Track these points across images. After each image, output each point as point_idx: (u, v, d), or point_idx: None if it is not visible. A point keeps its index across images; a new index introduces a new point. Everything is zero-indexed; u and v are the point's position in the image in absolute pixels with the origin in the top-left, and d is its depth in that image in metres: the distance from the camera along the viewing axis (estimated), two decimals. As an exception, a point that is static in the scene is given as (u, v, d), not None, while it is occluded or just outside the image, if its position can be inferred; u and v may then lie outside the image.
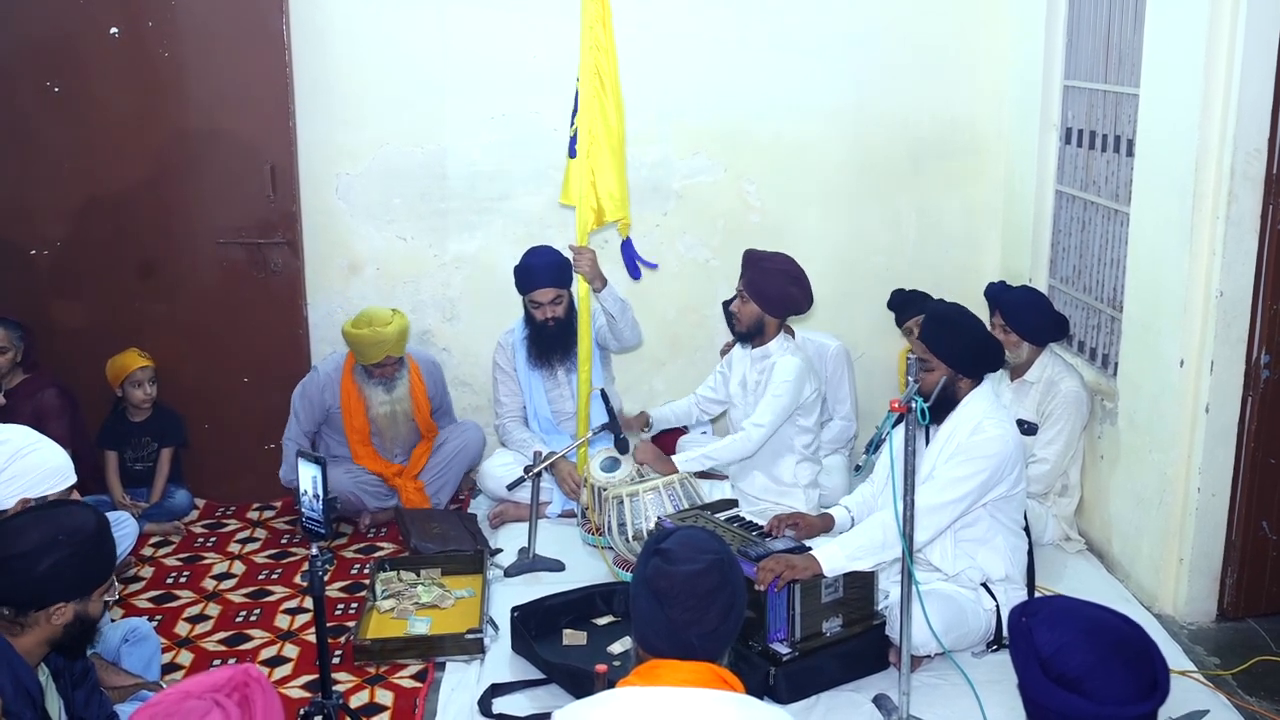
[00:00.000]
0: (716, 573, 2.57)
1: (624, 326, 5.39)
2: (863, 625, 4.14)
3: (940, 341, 4.12)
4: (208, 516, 5.79)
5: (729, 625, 2.58)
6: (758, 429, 4.97)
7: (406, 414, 5.67)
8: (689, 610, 2.53)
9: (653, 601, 2.56)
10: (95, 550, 2.93)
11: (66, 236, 5.68)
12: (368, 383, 5.58)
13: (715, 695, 2.48)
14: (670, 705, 2.46)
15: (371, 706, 4.11)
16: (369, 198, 6.03)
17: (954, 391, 4.14)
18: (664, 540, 2.66)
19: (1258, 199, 4.30)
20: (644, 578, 2.61)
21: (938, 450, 4.14)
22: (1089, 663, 2.27)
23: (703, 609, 2.53)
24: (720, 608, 2.55)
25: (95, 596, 2.92)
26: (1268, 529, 4.55)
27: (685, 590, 2.54)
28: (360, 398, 5.59)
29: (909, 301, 5.80)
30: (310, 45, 5.75)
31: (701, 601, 2.54)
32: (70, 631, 2.90)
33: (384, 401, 5.60)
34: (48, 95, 5.53)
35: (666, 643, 2.54)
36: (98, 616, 2.95)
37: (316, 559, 3.48)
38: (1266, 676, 4.22)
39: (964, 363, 4.12)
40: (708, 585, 2.55)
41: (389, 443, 5.70)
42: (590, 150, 5.00)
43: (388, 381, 5.59)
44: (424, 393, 5.73)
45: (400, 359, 5.59)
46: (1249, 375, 4.44)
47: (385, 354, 5.47)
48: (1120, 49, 5.13)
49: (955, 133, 6.24)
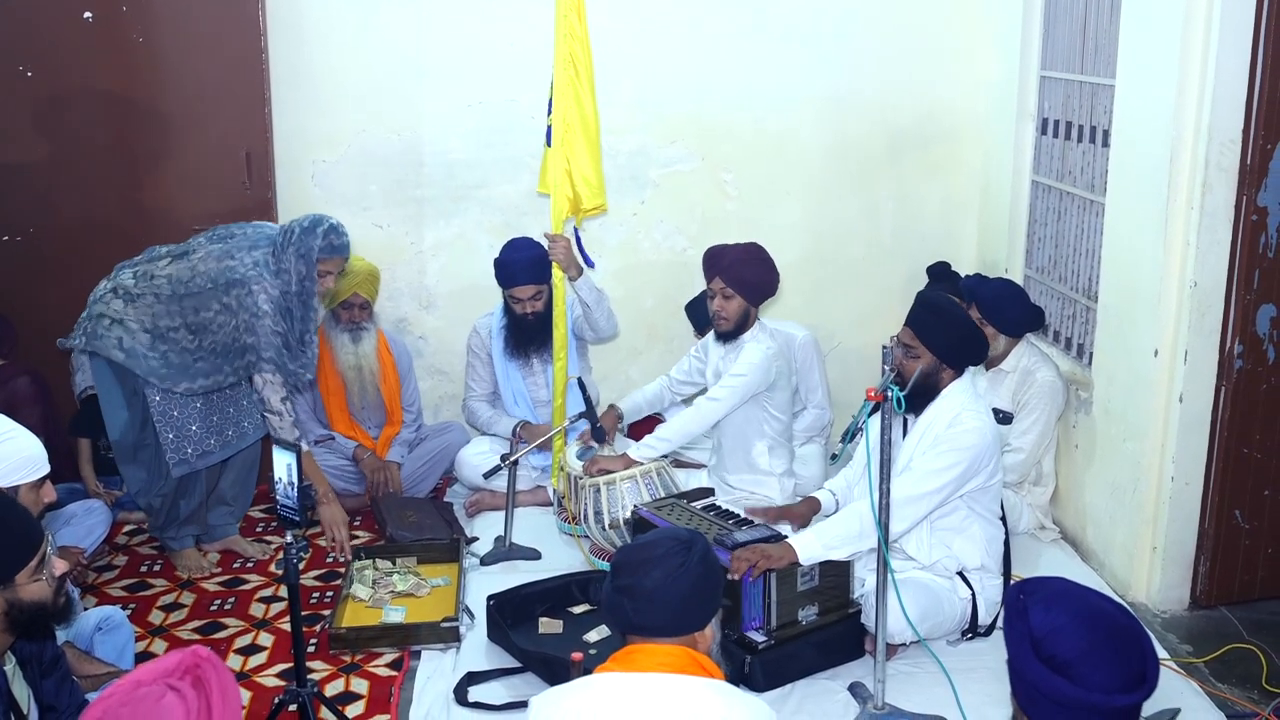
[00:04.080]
0: (691, 551, 2.67)
1: (599, 316, 5.38)
2: (838, 614, 4.15)
3: (929, 329, 4.10)
4: (182, 505, 5.76)
5: (704, 597, 2.67)
6: (711, 403, 4.95)
7: (373, 376, 5.65)
8: (665, 575, 2.62)
9: (629, 577, 2.65)
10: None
11: (39, 223, 5.63)
12: (334, 329, 5.58)
13: (692, 681, 2.49)
14: (647, 690, 2.47)
15: (347, 695, 4.10)
16: (345, 185, 6.01)
17: (936, 381, 4.13)
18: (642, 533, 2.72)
19: (1232, 190, 4.32)
20: (621, 561, 2.71)
21: (915, 440, 4.14)
22: (1081, 648, 2.28)
23: (675, 577, 2.62)
24: (692, 576, 2.64)
25: (21, 581, 2.77)
26: (1240, 518, 4.58)
27: (660, 553, 2.67)
28: (329, 347, 5.57)
29: (945, 276, 5.85)
30: (287, 31, 5.72)
31: (675, 573, 2.62)
32: (18, 619, 2.78)
33: (350, 353, 5.59)
34: (20, 79, 5.48)
35: (642, 620, 2.62)
36: (39, 600, 2.80)
37: (291, 547, 3.48)
38: (1239, 664, 4.25)
39: (950, 353, 4.11)
40: (679, 561, 2.64)
41: (359, 408, 5.70)
42: (565, 138, 4.98)
43: (354, 331, 5.59)
44: (392, 366, 5.74)
45: (367, 306, 5.58)
46: (1222, 365, 4.47)
47: (352, 288, 5.48)
48: (1097, 40, 5.14)
49: (933, 123, 6.26)
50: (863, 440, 4.23)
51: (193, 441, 4.84)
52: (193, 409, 4.82)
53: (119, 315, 4.73)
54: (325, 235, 4.70)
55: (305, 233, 4.69)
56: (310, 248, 4.67)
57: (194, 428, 4.84)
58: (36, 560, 2.80)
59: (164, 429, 4.78)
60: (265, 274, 4.66)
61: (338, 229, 4.76)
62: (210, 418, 4.88)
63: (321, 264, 4.71)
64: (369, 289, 5.59)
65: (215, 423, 4.90)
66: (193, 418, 4.83)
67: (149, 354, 4.70)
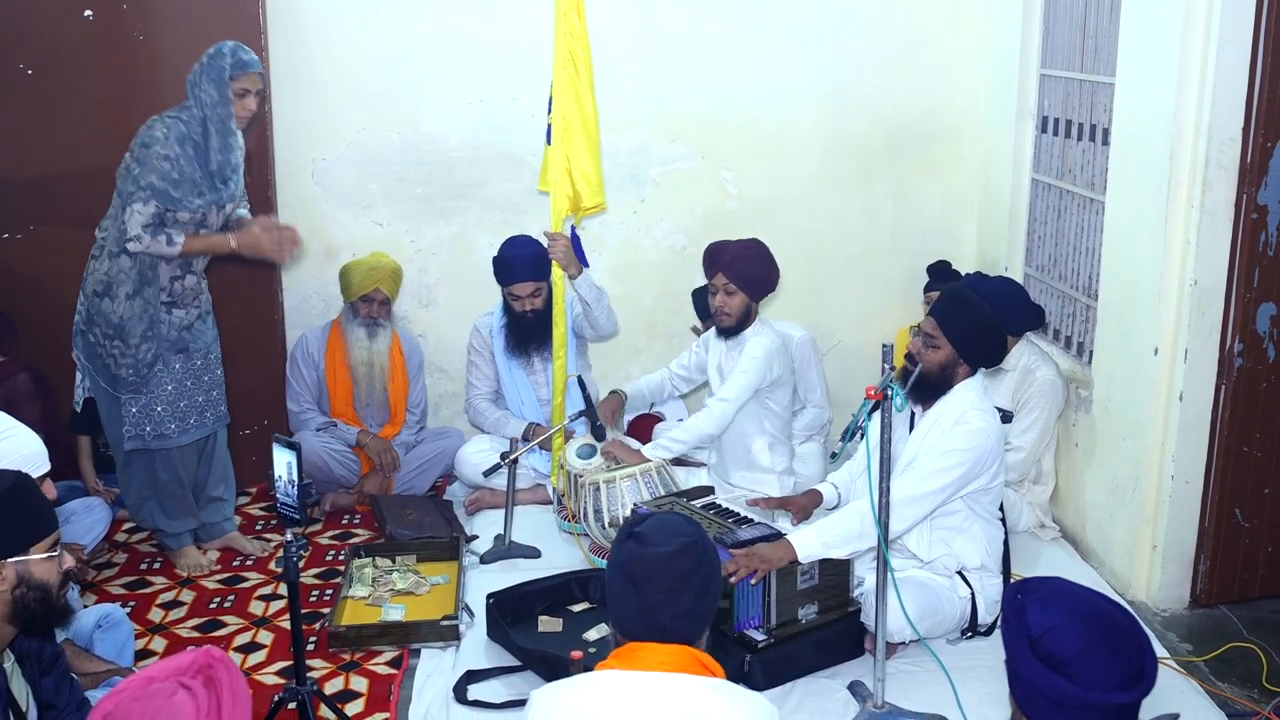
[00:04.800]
0: (690, 555, 2.58)
1: (599, 314, 5.38)
2: (838, 612, 4.15)
3: (954, 320, 4.07)
4: (182, 503, 5.76)
5: (704, 607, 2.59)
6: (722, 403, 4.96)
7: (383, 374, 5.68)
8: (662, 592, 2.54)
9: (627, 585, 2.57)
10: (15, 502, 2.81)
11: (39, 221, 5.63)
12: (352, 323, 5.63)
13: (694, 680, 2.48)
14: (648, 689, 2.46)
15: (346, 693, 4.10)
16: (345, 183, 6.01)
17: (951, 375, 4.10)
18: (639, 525, 2.66)
19: (1232, 188, 4.32)
20: (619, 562, 2.62)
21: (922, 435, 4.13)
22: (1079, 646, 2.28)
23: (676, 590, 2.54)
24: (694, 590, 2.56)
25: (36, 554, 2.81)
26: (1240, 516, 4.58)
27: (659, 572, 2.55)
28: (342, 342, 5.62)
29: (945, 275, 5.87)
30: (287, 29, 5.72)
31: (675, 583, 2.55)
32: (22, 601, 2.80)
33: (364, 348, 5.63)
34: (20, 78, 5.48)
35: (640, 625, 2.55)
36: (46, 581, 2.83)
37: (291, 545, 3.47)
38: (1238, 663, 4.25)
39: (969, 347, 4.08)
40: (681, 567, 2.56)
41: (364, 405, 5.71)
42: (564, 136, 4.98)
43: (370, 326, 5.61)
44: (402, 367, 5.75)
45: (387, 303, 5.63)
46: (1222, 363, 4.46)
47: (375, 284, 5.54)
48: (1097, 38, 5.14)
49: (933, 121, 6.26)
50: (863, 439, 4.23)
51: (153, 421, 4.86)
52: (162, 391, 4.85)
53: (83, 308, 4.86)
54: (232, 54, 4.63)
55: (211, 58, 4.64)
56: (220, 69, 4.61)
57: (159, 409, 4.86)
58: (52, 540, 2.86)
59: (128, 403, 4.82)
60: (168, 114, 4.67)
61: (243, 46, 4.69)
62: (177, 403, 4.89)
63: (235, 82, 4.63)
64: (391, 286, 5.63)
65: (181, 409, 4.91)
66: (159, 399, 4.85)
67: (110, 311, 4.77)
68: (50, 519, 2.90)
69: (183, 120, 4.64)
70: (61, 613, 2.92)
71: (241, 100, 4.67)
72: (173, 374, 4.87)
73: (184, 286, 4.86)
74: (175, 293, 4.84)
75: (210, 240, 4.76)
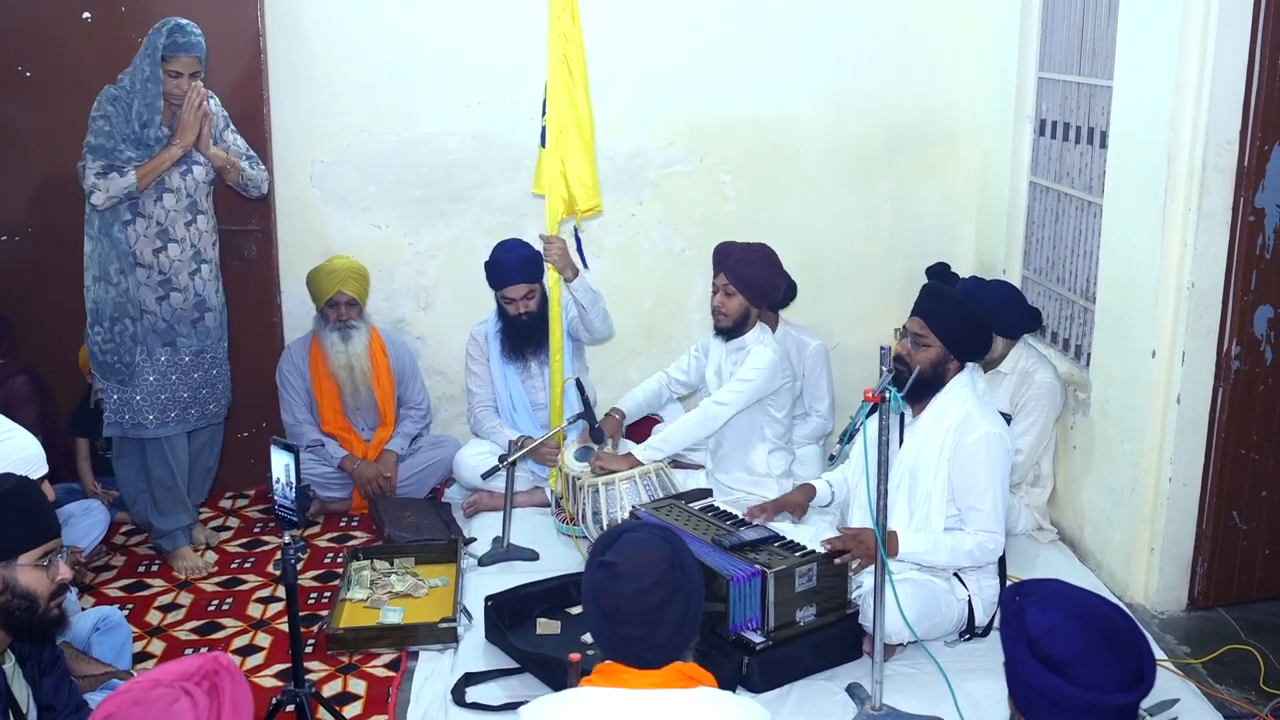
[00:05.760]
0: (664, 586, 2.50)
1: (595, 317, 5.38)
2: (836, 614, 4.15)
3: (940, 317, 4.08)
4: (180, 505, 5.76)
5: (682, 635, 2.52)
6: (719, 407, 4.96)
7: (365, 376, 5.65)
8: (639, 627, 2.48)
9: (600, 617, 2.52)
10: (7, 508, 2.78)
11: (37, 223, 5.63)
12: (325, 329, 5.60)
13: (682, 695, 2.46)
14: (640, 708, 2.43)
15: (344, 696, 4.10)
16: (344, 185, 6.00)
17: (943, 372, 4.11)
18: (608, 549, 2.57)
19: (1229, 191, 4.32)
20: (590, 591, 2.56)
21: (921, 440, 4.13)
22: (1077, 648, 2.28)
23: (653, 625, 2.48)
24: (672, 621, 2.50)
25: (23, 563, 2.78)
26: (1238, 519, 4.59)
27: (632, 609, 2.48)
28: (321, 351, 5.61)
29: (944, 277, 5.87)
30: (285, 31, 5.71)
31: (650, 618, 2.48)
32: (7, 609, 2.77)
33: (340, 352, 5.59)
34: (19, 79, 5.48)
35: (619, 655, 2.51)
36: (32, 590, 2.80)
37: (289, 547, 3.47)
38: (1236, 665, 4.25)
39: (958, 342, 4.10)
40: (656, 600, 2.49)
41: (353, 409, 5.70)
42: (559, 139, 4.98)
43: (343, 330, 5.58)
44: (386, 367, 5.73)
45: (355, 304, 5.59)
46: (1220, 366, 4.47)
47: (337, 287, 5.52)
48: (1094, 41, 5.15)
49: (931, 123, 6.26)
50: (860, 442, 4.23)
51: (131, 409, 4.89)
52: (143, 381, 4.87)
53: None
54: (170, 34, 4.71)
55: (153, 33, 4.74)
56: (154, 45, 4.71)
57: (137, 398, 4.88)
58: (44, 550, 2.82)
59: (111, 390, 4.87)
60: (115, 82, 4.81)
61: (184, 28, 4.75)
62: (158, 395, 4.90)
63: (167, 63, 4.72)
64: (354, 287, 5.58)
65: (161, 401, 4.91)
66: (138, 389, 4.87)
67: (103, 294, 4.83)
68: (47, 527, 2.87)
69: (117, 85, 4.79)
70: (52, 623, 2.89)
71: (174, 80, 4.77)
72: (156, 365, 4.88)
73: (170, 259, 4.84)
74: (165, 268, 4.85)
75: (159, 157, 4.80)
